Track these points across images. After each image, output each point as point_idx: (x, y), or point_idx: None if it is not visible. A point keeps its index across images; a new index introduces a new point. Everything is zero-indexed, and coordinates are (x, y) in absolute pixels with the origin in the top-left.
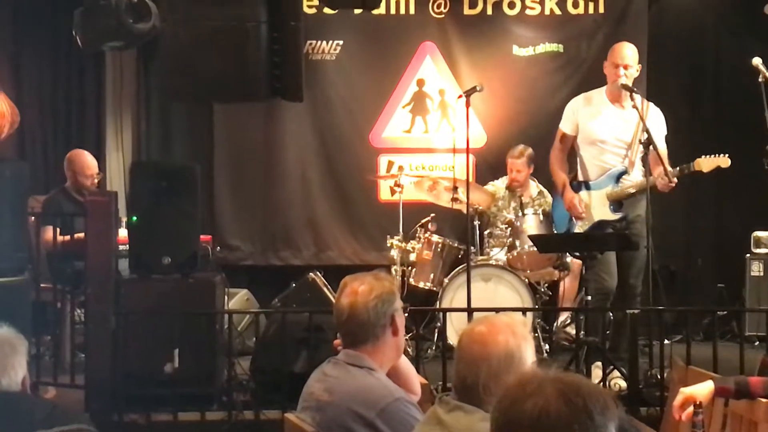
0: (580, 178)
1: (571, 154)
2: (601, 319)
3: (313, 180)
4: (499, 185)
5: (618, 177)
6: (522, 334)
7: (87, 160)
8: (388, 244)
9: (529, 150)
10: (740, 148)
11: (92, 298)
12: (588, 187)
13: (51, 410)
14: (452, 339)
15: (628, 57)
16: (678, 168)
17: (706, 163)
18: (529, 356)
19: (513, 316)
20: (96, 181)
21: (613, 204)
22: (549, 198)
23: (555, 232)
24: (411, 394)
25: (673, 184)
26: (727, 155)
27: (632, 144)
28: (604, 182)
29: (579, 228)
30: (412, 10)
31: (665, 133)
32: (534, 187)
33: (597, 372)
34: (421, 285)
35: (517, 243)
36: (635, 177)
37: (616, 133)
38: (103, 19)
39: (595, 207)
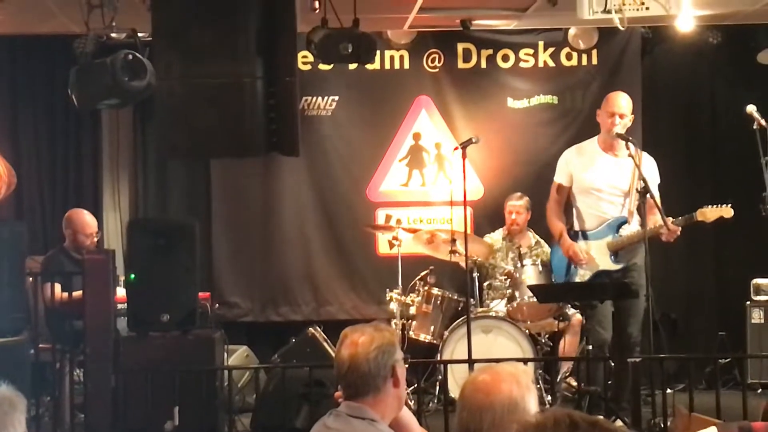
0: (576, 228)
1: (567, 205)
2: (602, 369)
3: (312, 235)
4: (495, 237)
5: (618, 227)
6: (526, 384)
7: (86, 219)
8: (388, 298)
9: (527, 197)
10: (737, 196)
11: (91, 357)
12: (585, 237)
13: None
14: (453, 392)
15: (623, 106)
16: (680, 218)
17: (709, 213)
18: (532, 406)
19: (517, 366)
20: (95, 240)
21: (613, 254)
22: (546, 248)
23: (554, 281)
24: None
25: (678, 233)
26: (730, 205)
27: (629, 192)
28: (603, 232)
29: (580, 277)
30: (406, 65)
31: (658, 181)
32: (531, 237)
33: None
34: (421, 338)
35: (517, 294)
36: (635, 226)
37: (611, 181)
38: (99, 77)
39: (597, 257)
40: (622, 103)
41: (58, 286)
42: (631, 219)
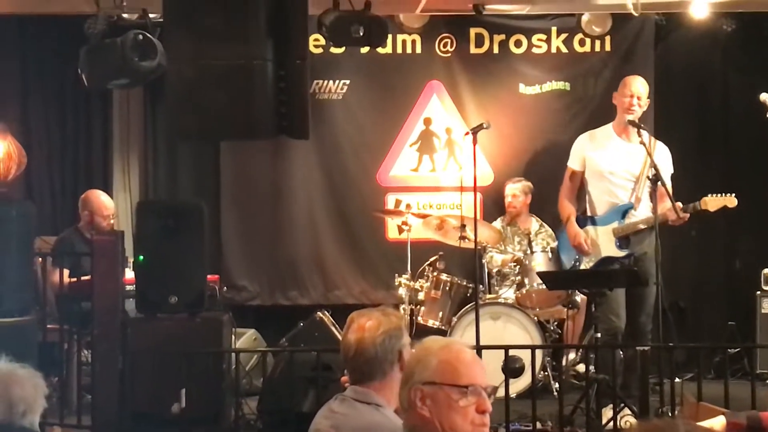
0: (588, 213)
1: (581, 191)
2: (611, 356)
3: (321, 219)
4: (499, 226)
5: (624, 213)
6: (426, 347)
7: (104, 200)
8: (397, 283)
9: (527, 182)
10: (749, 185)
11: (99, 338)
12: (594, 222)
13: None
14: None
15: (640, 89)
16: (685, 206)
17: (713, 203)
18: (419, 370)
19: (449, 340)
20: (112, 222)
21: (619, 240)
22: (551, 232)
23: (563, 268)
24: None
25: (686, 219)
26: (733, 195)
27: (640, 178)
28: (610, 217)
29: (585, 264)
30: (418, 50)
31: (671, 171)
32: (534, 222)
33: (608, 410)
34: (430, 323)
35: (526, 281)
36: (642, 213)
37: (624, 165)
38: (109, 57)
39: (602, 243)
40: (639, 85)
41: (66, 271)
42: (638, 206)
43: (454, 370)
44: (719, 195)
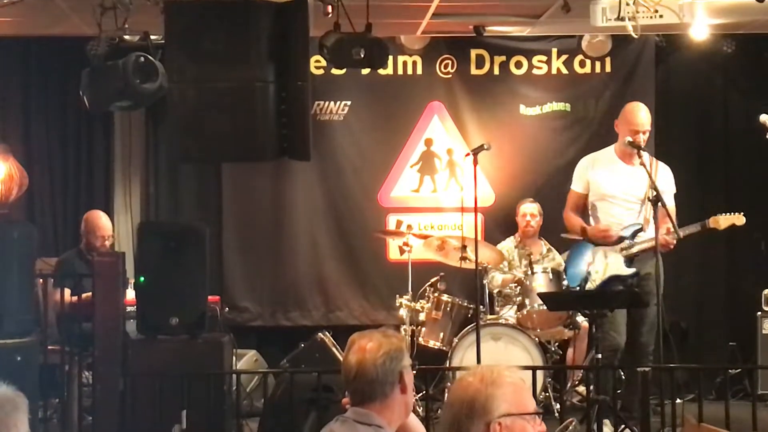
0: None
1: (584, 212)
2: (612, 377)
3: (322, 240)
4: (507, 245)
5: (633, 234)
6: (491, 381)
7: (99, 221)
8: (398, 304)
9: (538, 203)
10: (750, 206)
11: (100, 359)
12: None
13: None
14: None
15: (646, 123)
16: (693, 225)
17: (722, 221)
18: (498, 406)
19: (500, 368)
20: (107, 243)
21: (627, 260)
22: (558, 256)
23: (564, 289)
24: None
25: (672, 246)
26: (742, 213)
27: (645, 201)
28: (618, 238)
29: (591, 284)
30: (419, 71)
31: (674, 191)
32: (542, 244)
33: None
34: (430, 344)
35: (527, 302)
36: (650, 234)
37: (626, 188)
38: (111, 79)
39: (611, 261)
40: (644, 119)
41: (68, 291)
42: (647, 227)
43: (522, 399)
44: (728, 214)
